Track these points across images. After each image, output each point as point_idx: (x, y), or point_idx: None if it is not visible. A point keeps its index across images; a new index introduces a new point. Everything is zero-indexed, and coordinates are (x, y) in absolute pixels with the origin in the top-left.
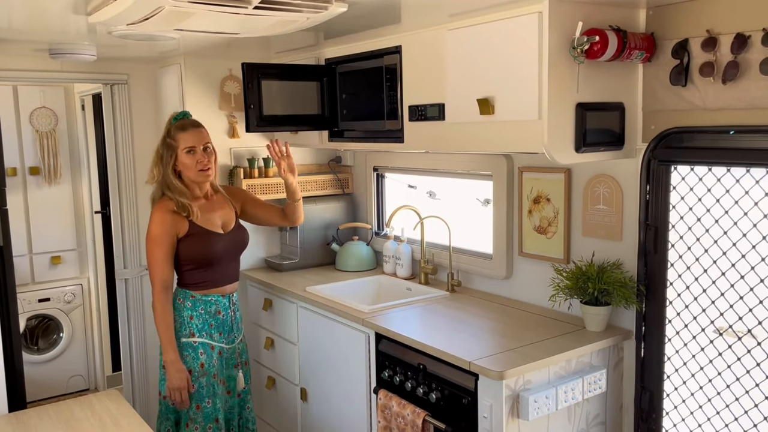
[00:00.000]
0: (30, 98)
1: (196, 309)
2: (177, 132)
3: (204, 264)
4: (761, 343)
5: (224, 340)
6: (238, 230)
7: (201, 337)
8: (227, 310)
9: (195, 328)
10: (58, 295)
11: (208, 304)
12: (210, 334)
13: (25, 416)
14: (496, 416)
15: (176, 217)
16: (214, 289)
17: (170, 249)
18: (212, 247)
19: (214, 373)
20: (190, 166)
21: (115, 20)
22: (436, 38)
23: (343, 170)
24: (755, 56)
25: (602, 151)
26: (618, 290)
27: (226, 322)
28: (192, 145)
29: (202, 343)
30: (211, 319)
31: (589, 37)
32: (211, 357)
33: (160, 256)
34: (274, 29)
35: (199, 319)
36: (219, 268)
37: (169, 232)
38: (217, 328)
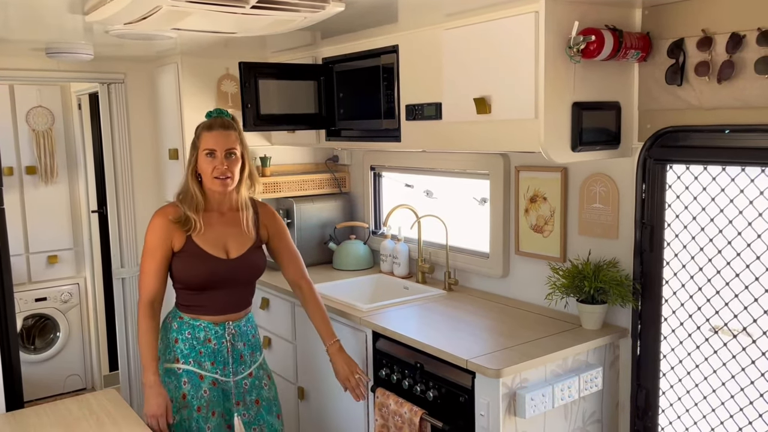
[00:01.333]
0: (26, 97)
1: (182, 332)
2: (202, 130)
3: (193, 287)
4: (756, 340)
5: (218, 371)
6: (250, 256)
7: (186, 364)
8: (220, 340)
9: (180, 353)
10: (55, 294)
11: (196, 329)
12: (198, 362)
13: (23, 416)
14: (493, 414)
15: (173, 227)
16: (204, 316)
17: (163, 261)
18: (205, 272)
19: (198, 406)
20: (206, 171)
21: (112, 19)
22: (433, 37)
23: (340, 169)
24: (750, 55)
25: (598, 150)
26: (614, 288)
27: (220, 353)
28: (212, 147)
29: (187, 371)
30: (199, 345)
31: (585, 36)
32: (199, 388)
33: (150, 268)
34: (272, 29)
35: (185, 343)
36: (213, 294)
37: (163, 243)
38: (208, 356)
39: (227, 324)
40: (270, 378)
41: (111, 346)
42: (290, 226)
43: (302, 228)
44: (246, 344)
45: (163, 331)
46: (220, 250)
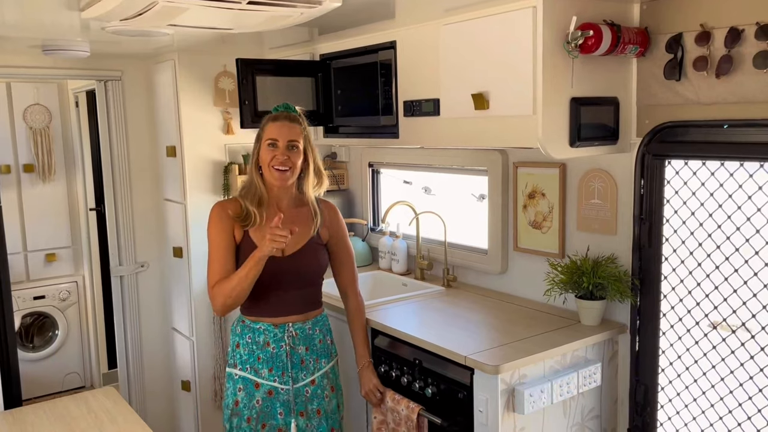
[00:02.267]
0: (23, 95)
1: (243, 336)
2: (267, 121)
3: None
4: (755, 336)
5: (277, 378)
6: (306, 254)
7: (244, 371)
8: (279, 344)
9: (239, 359)
10: (53, 292)
11: (256, 332)
12: (256, 369)
13: (21, 414)
14: (491, 410)
15: (232, 221)
16: (263, 318)
17: (228, 251)
18: None
19: (248, 416)
20: (266, 161)
21: (108, 16)
22: (430, 33)
23: (338, 166)
24: (749, 50)
25: (597, 145)
26: (612, 284)
27: (278, 357)
28: (275, 137)
29: (243, 378)
30: (258, 351)
31: (583, 31)
32: (252, 397)
33: (214, 257)
34: (268, 24)
35: (245, 348)
36: (272, 295)
37: (226, 232)
38: (266, 362)
39: (287, 326)
40: (334, 389)
41: (109, 344)
42: None
43: None
44: (309, 348)
45: (231, 336)
46: None
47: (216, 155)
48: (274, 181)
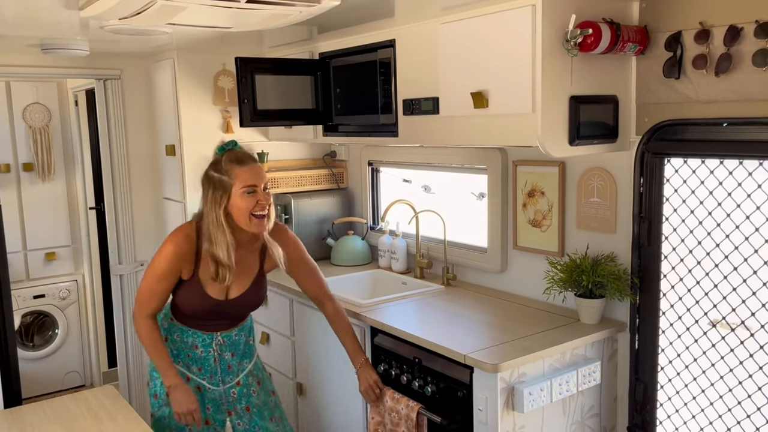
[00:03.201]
0: (23, 94)
1: (171, 334)
2: (233, 166)
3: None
4: (754, 334)
5: (206, 378)
6: (248, 295)
7: (176, 364)
8: (207, 349)
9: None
10: (53, 291)
11: (185, 333)
12: (187, 364)
13: (21, 413)
14: (491, 409)
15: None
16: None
17: (171, 287)
18: (201, 309)
19: None
20: (245, 210)
21: (107, 15)
22: (429, 32)
23: (338, 165)
24: (748, 48)
25: (596, 144)
26: (612, 283)
27: (206, 361)
28: (253, 183)
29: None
30: (187, 349)
31: (583, 29)
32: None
33: (156, 288)
34: (267, 23)
35: (173, 344)
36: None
37: (175, 270)
38: (195, 362)
39: (215, 335)
40: (260, 383)
41: (109, 342)
42: (288, 222)
43: (300, 224)
44: (235, 354)
45: None
46: (219, 291)
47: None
48: (254, 229)
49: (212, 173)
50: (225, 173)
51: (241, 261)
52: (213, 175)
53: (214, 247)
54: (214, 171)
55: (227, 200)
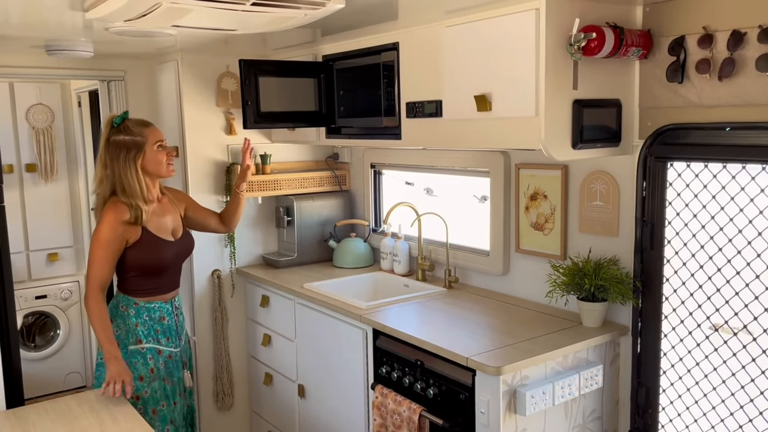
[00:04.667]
0: (26, 95)
1: (141, 316)
2: (140, 128)
3: (151, 272)
4: (756, 338)
5: (171, 344)
6: (186, 237)
7: (148, 343)
8: (170, 315)
9: (141, 334)
10: (55, 292)
11: (151, 310)
12: (157, 339)
13: (23, 413)
14: (493, 412)
15: (128, 225)
16: (157, 296)
17: (116, 253)
18: (162, 256)
19: (163, 376)
20: (161, 162)
21: (112, 17)
22: (433, 35)
23: (341, 167)
24: (751, 53)
25: (599, 147)
26: (614, 286)
27: (171, 328)
28: (161, 139)
29: (149, 349)
30: (156, 324)
31: (586, 33)
32: (158, 361)
33: (103, 257)
34: (272, 26)
35: (144, 326)
36: (165, 275)
37: (119, 238)
38: (163, 333)
39: (173, 300)
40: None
41: None
42: (290, 224)
43: (302, 226)
44: (182, 316)
45: (120, 319)
46: (168, 234)
47: (218, 156)
48: (170, 174)
49: (120, 137)
50: (135, 134)
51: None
52: (123, 138)
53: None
54: (122, 135)
55: (142, 157)
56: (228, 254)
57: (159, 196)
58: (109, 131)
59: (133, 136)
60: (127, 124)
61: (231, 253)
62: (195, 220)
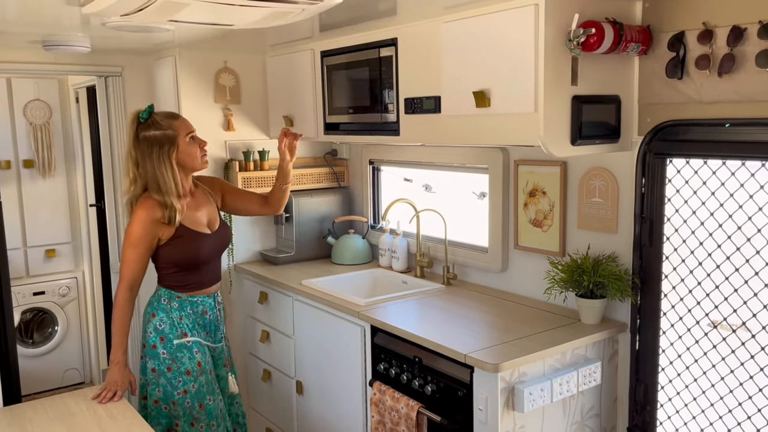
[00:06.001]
0: (24, 91)
1: (184, 309)
2: (170, 121)
3: (190, 267)
4: (755, 335)
5: (211, 339)
6: (223, 228)
7: (193, 336)
8: (213, 310)
9: (186, 327)
10: (53, 288)
11: (194, 304)
12: (198, 333)
13: (20, 410)
14: (491, 408)
15: (161, 223)
16: (199, 291)
17: (147, 251)
18: (200, 250)
19: (210, 369)
20: (195, 154)
21: (109, 11)
22: (431, 30)
23: (339, 163)
24: (751, 49)
25: (598, 143)
26: (613, 283)
27: (212, 322)
28: (192, 129)
29: (195, 342)
30: (198, 318)
31: (586, 29)
32: (206, 355)
33: (135, 256)
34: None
35: (188, 318)
36: (205, 269)
37: (150, 235)
38: (204, 327)
39: (216, 295)
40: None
41: (109, 340)
42: (289, 220)
43: (301, 222)
44: (222, 312)
45: (163, 313)
46: (204, 227)
47: (216, 152)
48: (205, 165)
49: (151, 133)
50: (166, 128)
51: (199, 203)
52: (154, 133)
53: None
54: (153, 130)
55: (176, 151)
56: (226, 251)
57: (192, 189)
58: (136, 127)
59: (164, 130)
60: (156, 117)
61: (229, 250)
62: (236, 206)
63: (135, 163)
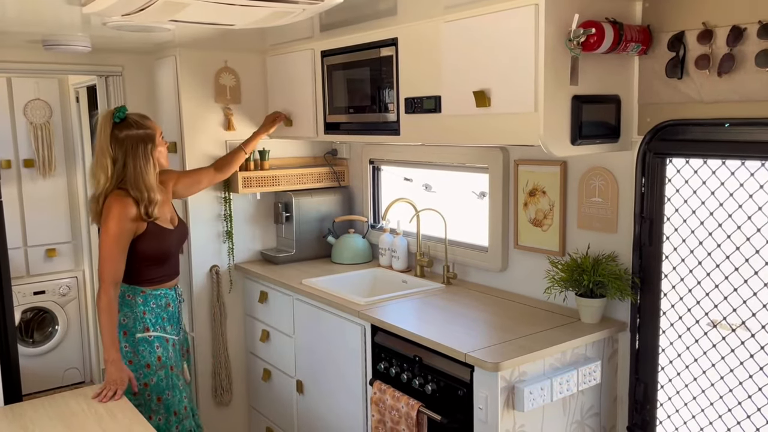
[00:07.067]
0: (24, 90)
1: (148, 304)
2: (146, 120)
3: (158, 261)
4: (755, 335)
5: (174, 332)
6: (182, 224)
7: (155, 331)
8: (175, 302)
9: (149, 322)
10: (53, 287)
11: (158, 298)
12: (163, 327)
13: (21, 409)
14: (491, 408)
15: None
16: (163, 284)
17: (126, 247)
18: (168, 245)
19: (171, 365)
20: (166, 153)
21: (110, 11)
22: (432, 30)
23: (339, 163)
24: (751, 49)
25: (598, 143)
26: (613, 282)
27: (174, 315)
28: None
29: (157, 337)
30: (162, 312)
31: (586, 29)
32: (167, 349)
33: (116, 252)
34: (270, 21)
35: (151, 313)
36: (169, 263)
37: (129, 231)
38: (169, 320)
39: (177, 287)
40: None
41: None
42: (289, 219)
43: (301, 222)
44: (183, 304)
45: (126, 308)
46: (168, 223)
47: (217, 151)
48: (168, 165)
49: (134, 132)
50: (146, 127)
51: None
52: (137, 132)
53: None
54: (135, 129)
55: (155, 148)
56: (226, 250)
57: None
58: (112, 126)
59: (145, 129)
60: (134, 117)
61: (229, 249)
62: (188, 187)
63: (113, 160)
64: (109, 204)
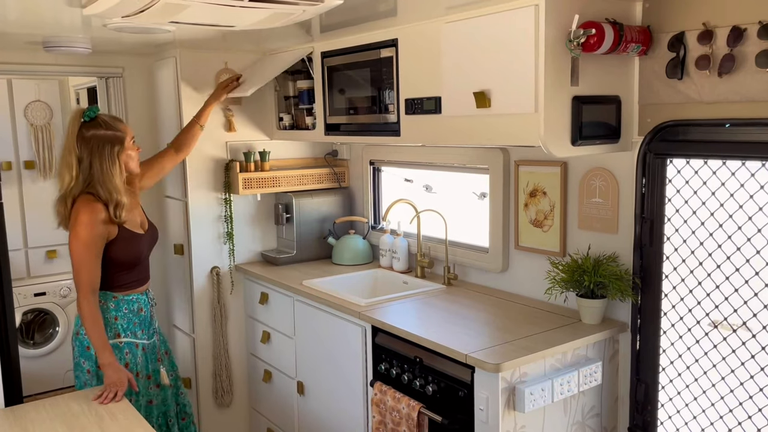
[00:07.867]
0: (25, 92)
1: (120, 309)
2: (117, 123)
3: (130, 266)
4: (756, 335)
5: (146, 336)
6: (152, 228)
7: (126, 337)
8: (147, 306)
9: (120, 328)
10: (54, 289)
11: (130, 303)
12: (134, 332)
13: (22, 410)
14: (492, 408)
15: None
16: (135, 289)
17: (100, 253)
18: (139, 250)
19: (136, 372)
20: (136, 158)
21: (110, 12)
22: (432, 31)
23: (340, 164)
24: (751, 49)
25: (598, 144)
26: (613, 283)
27: (146, 319)
28: (133, 135)
29: (127, 343)
30: (134, 317)
31: (586, 30)
32: (136, 355)
33: (90, 259)
34: (270, 22)
35: (123, 319)
36: (140, 268)
37: (101, 236)
38: (140, 325)
39: (148, 291)
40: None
41: None
42: (289, 221)
43: (301, 223)
44: (155, 307)
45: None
46: (139, 227)
47: (217, 152)
48: (138, 171)
49: (102, 132)
50: (116, 129)
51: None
52: (105, 133)
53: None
54: (103, 130)
55: (123, 151)
56: (227, 251)
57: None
58: (80, 125)
59: (114, 130)
60: (104, 118)
61: (230, 250)
62: (154, 177)
63: (78, 160)
64: (77, 209)
